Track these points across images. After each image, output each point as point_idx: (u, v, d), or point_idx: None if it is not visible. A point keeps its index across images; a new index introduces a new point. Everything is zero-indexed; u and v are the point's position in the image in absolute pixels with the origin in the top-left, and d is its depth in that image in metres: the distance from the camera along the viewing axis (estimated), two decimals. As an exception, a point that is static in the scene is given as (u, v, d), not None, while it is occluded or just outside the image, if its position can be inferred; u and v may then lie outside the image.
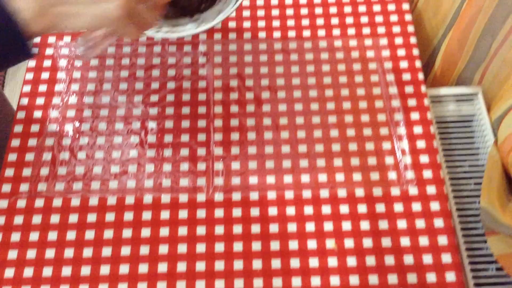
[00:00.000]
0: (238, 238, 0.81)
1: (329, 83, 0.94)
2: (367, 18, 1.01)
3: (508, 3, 0.82)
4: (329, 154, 0.88)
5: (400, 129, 0.90)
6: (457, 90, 0.98)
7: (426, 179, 0.86)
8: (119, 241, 0.81)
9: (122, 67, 0.96)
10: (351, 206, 0.84)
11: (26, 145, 0.89)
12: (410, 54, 0.97)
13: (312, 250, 0.80)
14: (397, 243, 0.81)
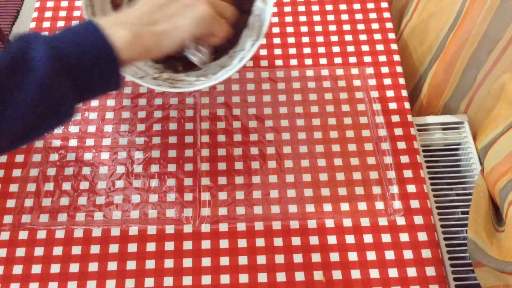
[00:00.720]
0: (225, 271, 0.80)
1: (316, 112, 0.95)
2: (354, 47, 1.02)
3: (492, 37, 0.83)
4: (316, 184, 0.88)
5: (387, 158, 0.90)
6: (443, 119, 0.99)
7: (414, 209, 0.86)
8: (104, 274, 0.80)
9: (108, 96, 0.96)
10: (338, 237, 0.83)
11: (10, 176, 0.88)
12: (396, 83, 0.98)
13: (300, 282, 0.80)
14: (385, 274, 0.80)
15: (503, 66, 0.84)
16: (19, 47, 0.48)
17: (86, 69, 0.50)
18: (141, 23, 0.55)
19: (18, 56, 0.47)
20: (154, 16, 0.56)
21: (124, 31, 0.53)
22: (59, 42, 0.49)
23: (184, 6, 0.58)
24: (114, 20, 0.54)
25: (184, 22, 0.58)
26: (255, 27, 0.85)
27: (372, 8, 1.07)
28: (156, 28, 0.56)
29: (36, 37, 0.49)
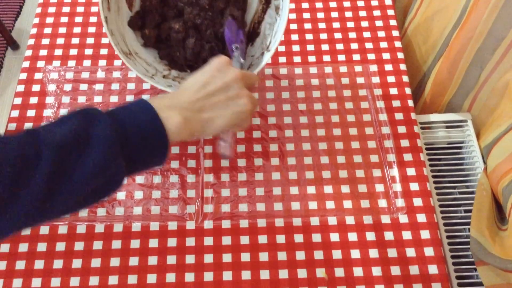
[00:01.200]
0: (227, 267, 0.80)
1: (319, 109, 0.94)
2: (357, 44, 1.02)
3: (496, 36, 0.83)
4: (319, 181, 0.88)
5: (390, 156, 0.90)
6: (447, 117, 0.98)
7: (417, 207, 0.86)
8: (107, 270, 0.80)
9: (112, 92, 0.96)
10: (341, 234, 0.83)
11: None
12: (400, 81, 0.98)
13: (302, 279, 0.80)
14: (387, 272, 0.80)
15: (507, 64, 0.84)
16: (81, 122, 0.50)
17: (140, 150, 0.54)
18: (192, 109, 0.59)
19: (80, 133, 0.49)
20: (203, 104, 0.60)
21: (178, 116, 0.57)
22: (118, 122, 0.52)
23: (229, 98, 0.62)
24: (169, 102, 0.58)
25: (227, 113, 0.62)
26: (266, 36, 0.86)
27: (376, 6, 1.07)
28: (203, 115, 0.60)
29: (97, 114, 0.51)
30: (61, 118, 0.52)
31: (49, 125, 0.50)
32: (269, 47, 0.83)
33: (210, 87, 0.61)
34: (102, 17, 0.78)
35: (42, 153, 0.47)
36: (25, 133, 0.49)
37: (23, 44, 2.06)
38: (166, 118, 0.55)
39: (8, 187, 0.45)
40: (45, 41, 1.02)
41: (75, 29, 1.04)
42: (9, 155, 0.46)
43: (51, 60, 1.00)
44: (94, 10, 1.06)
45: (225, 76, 0.62)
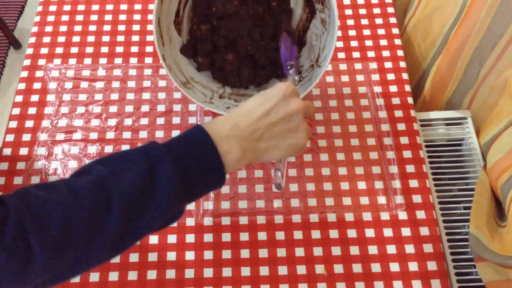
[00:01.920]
0: (227, 264, 0.81)
1: (319, 107, 0.95)
2: (357, 42, 1.02)
3: (495, 32, 0.83)
4: (318, 178, 0.88)
5: (390, 153, 0.90)
6: (446, 114, 0.99)
7: (416, 204, 0.86)
8: (108, 266, 0.80)
9: (112, 90, 0.96)
10: (340, 231, 0.84)
11: (15, 169, 0.88)
12: (400, 78, 0.98)
13: (301, 275, 0.80)
14: (386, 269, 0.80)
15: (506, 61, 0.84)
16: (145, 167, 0.51)
17: (199, 183, 0.54)
18: (251, 139, 0.58)
19: (146, 180, 0.50)
20: (262, 133, 0.59)
21: (237, 149, 0.56)
22: (179, 162, 0.52)
23: (289, 129, 0.61)
24: (228, 131, 0.57)
25: (284, 145, 0.61)
26: (313, 47, 0.87)
27: (376, 3, 1.07)
28: (260, 145, 0.59)
29: (159, 155, 0.52)
30: (124, 157, 0.53)
31: (116, 167, 0.51)
32: (318, 61, 0.84)
33: (273, 116, 0.59)
34: (160, 55, 0.78)
35: (113, 205, 0.48)
36: (94, 181, 0.49)
37: (25, 43, 2.06)
38: (226, 152, 0.55)
39: (82, 239, 0.47)
40: (46, 39, 1.02)
41: (76, 27, 1.04)
42: (82, 208, 0.47)
43: (52, 58, 1.00)
44: (94, 9, 1.07)
45: (289, 107, 0.60)
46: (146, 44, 1.02)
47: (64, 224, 0.46)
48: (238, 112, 0.60)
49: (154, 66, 0.99)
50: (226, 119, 0.58)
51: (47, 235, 0.45)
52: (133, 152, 0.53)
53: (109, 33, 1.03)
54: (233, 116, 0.59)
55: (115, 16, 1.06)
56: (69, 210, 0.47)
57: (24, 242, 0.44)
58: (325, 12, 0.83)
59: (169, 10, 0.84)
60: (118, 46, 1.02)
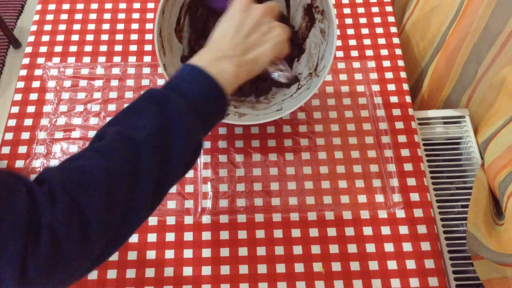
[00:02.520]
0: (225, 262, 0.81)
1: (317, 105, 0.95)
2: (355, 41, 1.02)
3: (493, 31, 0.84)
4: (316, 177, 0.88)
5: (387, 151, 0.90)
6: (444, 113, 0.99)
7: (414, 202, 0.86)
8: (106, 264, 0.81)
9: (111, 89, 0.96)
10: (338, 229, 0.84)
11: (14, 166, 0.88)
12: (398, 77, 0.98)
13: (299, 273, 0.80)
14: (384, 267, 0.81)
15: (504, 59, 0.84)
16: (157, 109, 0.53)
17: (208, 109, 0.57)
18: (238, 54, 0.62)
19: (162, 121, 0.53)
20: (243, 46, 0.63)
21: (230, 66, 0.60)
22: (184, 95, 0.55)
23: (263, 33, 0.65)
24: (214, 55, 0.60)
25: (267, 47, 0.64)
26: (312, 55, 0.87)
27: (375, 2, 1.07)
28: (248, 56, 0.63)
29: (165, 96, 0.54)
30: (131, 110, 0.55)
31: (128, 120, 0.53)
32: (317, 70, 0.84)
33: (244, 29, 0.63)
34: (161, 64, 0.78)
35: (141, 154, 0.50)
36: (115, 137, 0.51)
37: (25, 42, 2.06)
38: (221, 72, 0.58)
39: (127, 190, 0.49)
40: (45, 38, 1.03)
41: (74, 26, 1.04)
42: (116, 163, 0.49)
43: (51, 57, 1.00)
44: (93, 7, 1.07)
45: (252, 15, 0.64)
46: (145, 43, 1.02)
47: (106, 181, 0.48)
48: (213, 41, 0.64)
49: (153, 65, 0.99)
50: (206, 50, 0.62)
51: (94, 195, 0.47)
52: (138, 103, 0.55)
53: (108, 32, 1.04)
54: (211, 45, 0.64)
55: (114, 14, 1.06)
56: (106, 168, 0.49)
57: (77, 208, 0.46)
58: (324, 22, 0.83)
59: (170, 19, 0.84)
60: (117, 45, 1.02)
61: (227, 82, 0.58)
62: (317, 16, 0.85)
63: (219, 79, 0.57)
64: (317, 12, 0.85)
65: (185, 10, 0.87)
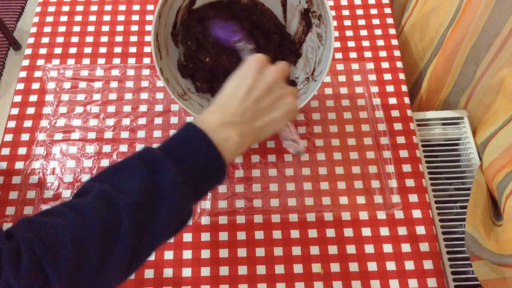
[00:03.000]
0: (224, 263, 0.81)
1: (316, 107, 0.95)
2: (354, 42, 1.02)
3: (490, 32, 0.84)
4: (315, 178, 0.88)
5: (386, 152, 0.90)
6: (443, 114, 0.99)
7: (412, 203, 0.86)
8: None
9: (110, 90, 0.97)
10: (337, 230, 0.84)
11: (13, 168, 0.89)
12: (396, 78, 0.98)
13: (298, 274, 0.80)
14: (382, 267, 0.81)
15: (502, 60, 0.85)
16: (146, 174, 0.50)
17: (203, 178, 0.54)
18: (245, 121, 0.58)
19: (150, 188, 0.49)
20: (253, 112, 0.58)
21: (234, 134, 0.56)
22: (179, 162, 0.51)
23: (275, 99, 0.60)
24: (220, 119, 0.56)
25: (277, 115, 0.60)
26: (309, 60, 0.88)
27: (373, 4, 1.07)
28: (256, 124, 0.58)
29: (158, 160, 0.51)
30: (121, 169, 0.52)
31: (115, 180, 0.50)
32: (314, 75, 0.85)
33: (256, 92, 0.59)
34: (158, 68, 0.78)
35: (121, 219, 0.47)
36: (97, 198, 0.48)
37: (25, 44, 2.07)
38: (224, 140, 0.55)
39: (96, 257, 0.46)
40: (45, 39, 1.03)
41: (74, 27, 1.05)
42: (91, 227, 0.47)
43: (51, 59, 1.01)
44: (93, 9, 1.07)
45: (266, 78, 0.60)
46: (144, 45, 1.03)
47: (76, 246, 0.45)
48: (222, 99, 0.59)
49: (152, 66, 0.99)
50: (214, 109, 0.58)
51: (61, 261, 0.44)
52: (129, 162, 0.52)
53: (108, 34, 1.04)
54: (219, 104, 0.59)
55: (113, 16, 1.06)
56: (78, 231, 0.46)
57: (40, 271, 0.43)
58: (321, 27, 0.83)
59: (167, 23, 0.84)
60: (117, 47, 1.02)
61: (229, 152, 0.55)
62: (314, 21, 0.86)
63: (221, 147, 0.54)
64: (314, 16, 0.85)
65: (182, 15, 0.87)
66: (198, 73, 0.89)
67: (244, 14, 0.92)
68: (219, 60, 0.86)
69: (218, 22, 0.82)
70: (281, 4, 0.91)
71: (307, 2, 0.85)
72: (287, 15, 0.92)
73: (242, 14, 0.92)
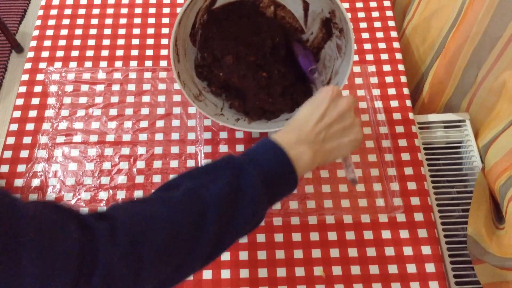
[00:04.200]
0: (226, 265, 0.81)
1: (318, 110, 0.95)
2: (356, 45, 1.02)
3: (492, 35, 0.84)
4: (317, 180, 0.88)
5: (388, 155, 0.90)
6: (445, 117, 0.99)
7: (414, 206, 0.86)
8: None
9: (112, 93, 0.97)
10: (338, 233, 0.84)
11: (15, 171, 0.89)
12: (398, 81, 0.98)
13: (300, 277, 0.80)
14: (384, 271, 0.81)
15: (504, 64, 0.85)
16: (232, 176, 0.55)
17: (277, 188, 0.59)
18: (318, 141, 0.62)
19: (234, 188, 0.54)
20: (324, 135, 0.63)
21: (308, 151, 0.60)
22: (260, 170, 0.56)
23: (344, 127, 0.64)
24: (295, 137, 0.61)
25: (345, 143, 0.64)
26: (326, 68, 0.88)
27: (375, 7, 1.07)
28: (326, 146, 0.63)
29: (242, 165, 0.56)
30: (208, 171, 0.57)
31: (202, 179, 0.55)
32: (329, 84, 0.85)
33: (328, 118, 0.63)
34: (175, 72, 0.79)
35: (207, 213, 0.52)
36: (186, 193, 0.54)
37: (27, 47, 2.07)
38: (299, 155, 0.59)
39: (184, 245, 0.51)
40: (47, 43, 1.03)
41: (76, 31, 1.05)
42: (182, 216, 0.52)
43: (53, 62, 1.01)
44: (95, 13, 1.07)
45: (339, 107, 0.64)
46: (146, 48, 1.03)
47: (168, 230, 0.50)
48: (297, 122, 0.64)
49: (154, 69, 1.00)
50: (289, 129, 0.63)
51: (155, 242, 0.49)
52: (216, 165, 0.57)
53: (110, 37, 1.04)
54: (294, 126, 0.63)
55: (115, 19, 1.06)
56: (170, 218, 0.51)
57: (136, 252, 0.48)
58: (341, 40, 0.83)
59: (186, 25, 0.84)
60: (118, 50, 1.02)
61: (301, 167, 0.59)
62: (334, 31, 0.85)
63: (295, 162, 0.58)
64: (335, 28, 0.85)
65: (201, 15, 0.87)
66: (213, 80, 0.89)
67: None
68: (231, 78, 0.86)
69: (300, 48, 0.88)
70: (302, 8, 0.91)
71: (330, 13, 0.85)
72: (308, 20, 0.91)
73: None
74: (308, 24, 0.92)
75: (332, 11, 0.84)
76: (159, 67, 1.00)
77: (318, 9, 0.88)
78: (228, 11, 0.90)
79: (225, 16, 0.90)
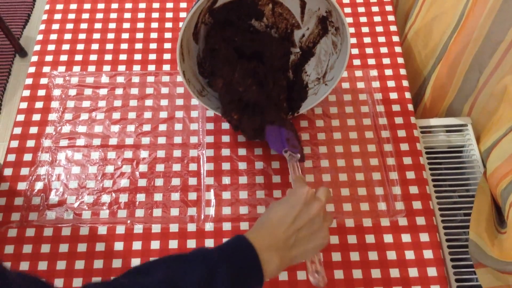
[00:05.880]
0: (228, 269, 0.81)
1: (319, 114, 0.96)
2: (358, 49, 1.03)
3: (494, 40, 0.84)
4: (319, 184, 0.88)
5: (390, 159, 0.91)
6: (447, 121, 0.99)
7: (416, 210, 0.86)
8: (109, 271, 0.81)
9: (115, 97, 0.97)
10: (340, 236, 0.84)
11: (19, 174, 0.89)
12: (400, 85, 0.99)
13: (301, 281, 0.80)
14: (386, 275, 0.81)
15: (505, 68, 0.85)
16: (205, 273, 0.57)
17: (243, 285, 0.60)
18: (286, 248, 0.63)
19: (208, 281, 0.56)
20: (293, 240, 0.64)
21: (276, 259, 0.62)
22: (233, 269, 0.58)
23: (313, 232, 0.65)
24: (268, 242, 0.62)
25: (310, 248, 0.65)
26: (321, 62, 0.90)
27: (377, 11, 1.08)
28: (292, 252, 0.64)
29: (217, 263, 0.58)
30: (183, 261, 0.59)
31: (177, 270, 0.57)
32: (325, 78, 0.88)
33: (299, 222, 0.64)
34: (180, 71, 0.82)
35: None
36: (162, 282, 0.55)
37: (31, 51, 2.08)
38: (267, 261, 0.61)
39: None
40: (51, 47, 1.04)
41: (80, 35, 1.05)
42: None
43: (57, 66, 1.01)
44: (99, 17, 1.08)
45: (311, 211, 0.65)
46: (149, 52, 1.03)
47: None
48: (271, 223, 0.65)
49: (157, 74, 1.00)
50: (264, 232, 0.64)
51: None
52: (190, 257, 0.59)
53: (113, 41, 1.05)
54: (268, 227, 0.65)
55: (118, 24, 1.07)
56: None
57: None
58: (337, 37, 0.85)
59: (190, 26, 0.86)
60: (122, 54, 1.03)
61: (267, 272, 0.60)
62: (330, 29, 0.87)
63: (265, 267, 0.60)
64: (331, 26, 0.86)
65: (203, 15, 0.88)
66: (214, 81, 0.91)
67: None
68: (229, 90, 0.88)
69: (272, 129, 0.87)
70: (299, 6, 0.92)
71: (327, 12, 0.86)
72: (305, 17, 0.92)
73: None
74: (304, 21, 0.93)
75: (329, 11, 0.85)
76: (162, 71, 1.01)
77: (315, 7, 0.89)
78: (228, 10, 0.90)
79: (226, 16, 0.91)
